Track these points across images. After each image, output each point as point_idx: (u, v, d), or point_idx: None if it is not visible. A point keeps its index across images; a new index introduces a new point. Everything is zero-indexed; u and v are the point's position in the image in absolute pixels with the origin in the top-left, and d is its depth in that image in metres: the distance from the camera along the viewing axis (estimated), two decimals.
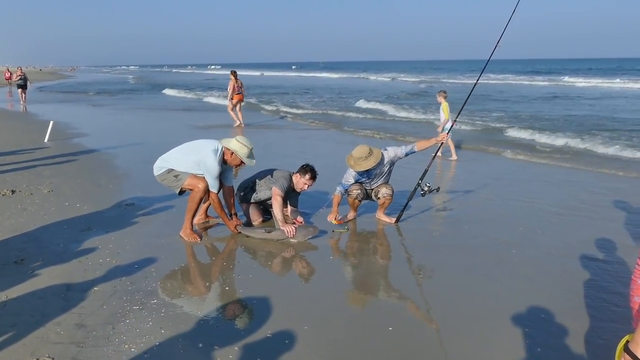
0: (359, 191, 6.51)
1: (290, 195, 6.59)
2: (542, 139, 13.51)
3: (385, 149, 6.45)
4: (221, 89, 34.24)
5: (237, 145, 5.99)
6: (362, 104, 23.66)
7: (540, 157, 11.45)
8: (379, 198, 6.62)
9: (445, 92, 11.79)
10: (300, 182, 6.39)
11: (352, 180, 6.52)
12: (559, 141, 12.97)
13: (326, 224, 6.63)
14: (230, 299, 4.88)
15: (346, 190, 6.55)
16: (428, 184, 6.61)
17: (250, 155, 6.09)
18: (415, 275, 5.30)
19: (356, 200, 6.58)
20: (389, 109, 21.09)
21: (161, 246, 5.89)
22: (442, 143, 6.59)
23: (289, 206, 6.62)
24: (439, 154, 11.22)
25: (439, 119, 12.29)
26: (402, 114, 19.52)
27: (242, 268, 5.44)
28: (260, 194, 6.51)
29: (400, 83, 39.89)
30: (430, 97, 25.31)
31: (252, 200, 6.56)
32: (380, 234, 6.55)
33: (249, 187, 6.57)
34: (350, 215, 6.84)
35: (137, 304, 4.78)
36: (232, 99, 16.72)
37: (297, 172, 6.39)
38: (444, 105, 11.81)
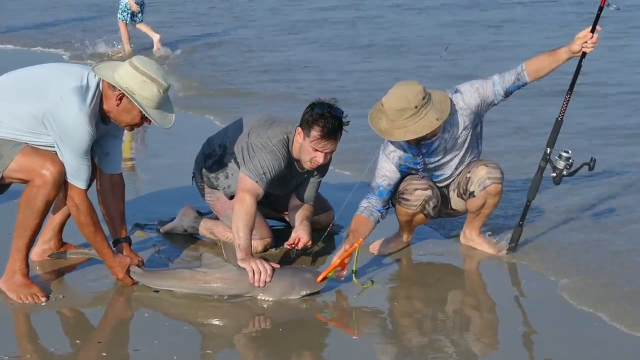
0: (429, 191, 5.09)
1: (291, 181, 5.27)
2: None
3: (457, 91, 5.04)
4: None
5: (134, 78, 4.42)
6: None
7: None
8: (471, 194, 5.12)
9: None
10: (305, 149, 4.97)
11: (395, 175, 5.11)
12: None
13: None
14: None
15: (387, 201, 5.17)
16: (566, 153, 5.02)
17: (165, 103, 4.53)
18: None
19: (420, 216, 5.17)
20: None
21: None
22: (584, 54, 4.94)
23: (293, 200, 5.38)
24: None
25: None
26: None
27: None
28: (232, 180, 5.25)
29: None
30: None
31: (221, 191, 5.36)
32: (473, 287, 5.20)
33: (219, 154, 5.34)
34: (403, 239, 5.40)
35: None
36: None
37: (300, 124, 5.04)
38: None
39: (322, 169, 5.20)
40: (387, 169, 5.05)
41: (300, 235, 4.96)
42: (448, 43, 10.27)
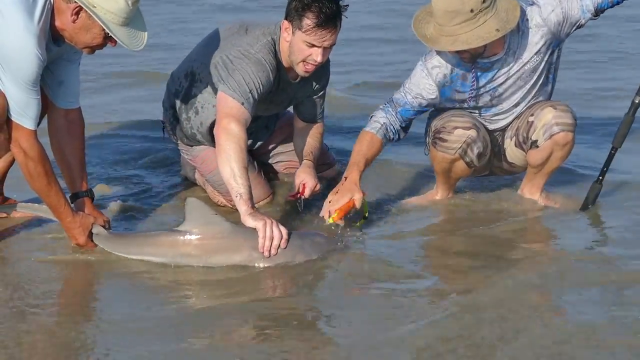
0: (472, 131, 4.71)
1: (283, 96, 4.83)
2: None
3: (533, 3, 4.71)
4: None
5: None
6: None
7: None
8: (533, 144, 4.79)
9: None
10: (297, 47, 4.52)
11: (434, 96, 4.73)
12: None
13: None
14: None
15: (410, 122, 4.85)
16: None
17: (135, 18, 4.26)
18: None
19: (460, 164, 4.80)
20: None
21: None
22: None
23: (297, 122, 5.04)
24: None
25: None
26: None
27: None
28: (203, 113, 4.81)
29: None
30: None
31: (194, 133, 4.92)
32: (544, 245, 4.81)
33: (186, 86, 4.92)
34: (438, 196, 5.07)
35: None
36: None
37: (286, 16, 4.64)
38: None
39: (320, 77, 4.82)
40: (424, 86, 4.73)
41: (304, 179, 4.62)
42: None
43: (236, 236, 4.34)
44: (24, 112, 4.18)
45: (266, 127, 4.98)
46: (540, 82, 4.82)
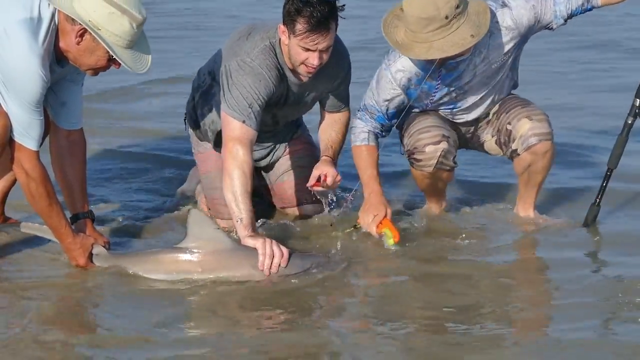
0: (443, 143, 4.76)
1: (299, 97, 4.81)
2: None
3: (504, 4, 4.69)
4: None
5: (99, 9, 4.16)
6: None
7: None
8: (514, 153, 4.87)
9: None
10: (294, 50, 4.53)
11: (401, 99, 4.75)
12: None
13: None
14: None
15: (383, 127, 4.86)
16: None
17: (139, 41, 4.28)
18: None
19: (441, 173, 4.81)
20: None
21: None
22: None
23: (322, 112, 5.03)
24: None
25: None
26: None
27: None
28: (215, 113, 4.88)
29: None
30: None
31: (206, 130, 4.97)
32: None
33: (207, 84, 4.95)
34: (433, 210, 5.12)
35: None
36: None
37: (282, 20, 4.63)
38: None
39: (336, 71, 4.71)
40: (389, 92, 4.71)
41: (324, 170, 4.60)
42: None
43: (237, 252, 4.36)
44: (27, 132, 4.20)
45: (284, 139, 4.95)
46: (505, 76, 4.84)
